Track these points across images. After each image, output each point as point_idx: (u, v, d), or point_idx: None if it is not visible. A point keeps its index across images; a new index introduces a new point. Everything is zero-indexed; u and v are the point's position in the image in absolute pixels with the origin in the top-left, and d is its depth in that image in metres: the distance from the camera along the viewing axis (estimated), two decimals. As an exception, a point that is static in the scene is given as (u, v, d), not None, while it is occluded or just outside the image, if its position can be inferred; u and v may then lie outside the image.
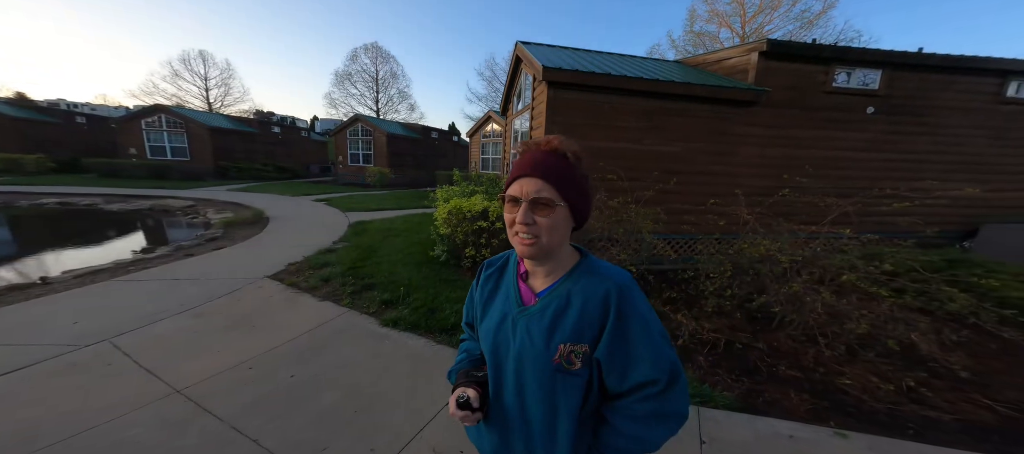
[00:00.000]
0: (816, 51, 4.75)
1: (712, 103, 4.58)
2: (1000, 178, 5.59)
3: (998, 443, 1.75)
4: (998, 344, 2.66)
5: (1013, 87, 5.26)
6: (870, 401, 2.04)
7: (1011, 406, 2.03)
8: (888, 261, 2.88)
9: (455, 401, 0.75)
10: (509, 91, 7.36)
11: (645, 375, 0.67)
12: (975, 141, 5.38)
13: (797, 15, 18.60)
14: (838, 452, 1.66)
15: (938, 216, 5.41)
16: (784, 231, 3.33)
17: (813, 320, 2.64)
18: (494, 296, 0.82)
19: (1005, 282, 3.45)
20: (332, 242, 5.91)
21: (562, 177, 0.65)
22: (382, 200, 11.75)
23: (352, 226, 7.31)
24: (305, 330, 2.91)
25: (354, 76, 31.03)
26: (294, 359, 2.50)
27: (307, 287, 3.85)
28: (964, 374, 2.27)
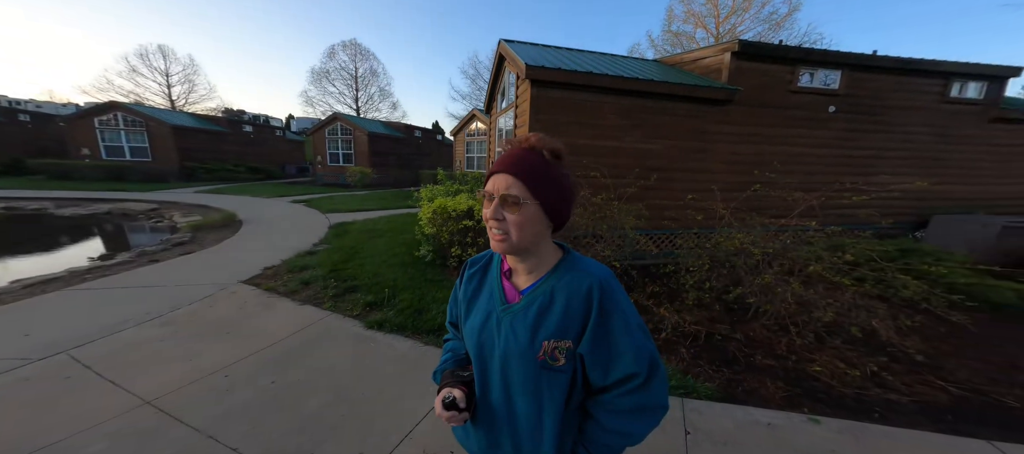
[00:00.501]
0: (782, 52, 4.98)
1: (689, 102, 4.73)
2: (945, 172, 6.05)
3: (952, 422, 1.90)
4: (947, 327, 2.89)
5: (955, 88, 5.69)
6: (838, 386, 2.17)
7: (962, 386, 2.21)
8: (850, 251, 3.07)
9: (441, 402, 0.75)
10: (493, 89, 7.32)
11: (627, 369, 0.69)
12: (923, 138, 5.80)
13: (766, 17, 19.48)
14: (812, 437, 1.76)
15: (892, 208, 5.81)
16: (756, 225, 3.48)
17: (784, 310, 2.78)
18: (478, 294, 0.82)
19: (952, 269, 3.76)
20: (312, 244, 5.74)
21: (534, 175, 0.65)
22: (364, 200, 11.47)
23: (333, 227, 7.11)
24: (285, 335, 2.82)
25: (332, 74, 30.07)
26: (274, 365, 2.42)
27: (286, 291, 3.73)
28: (919, 357, 2.46)
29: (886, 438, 1.75)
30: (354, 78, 30.56)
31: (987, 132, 6.04)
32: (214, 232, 6.59)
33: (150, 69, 28.03)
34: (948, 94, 5.66)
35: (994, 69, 5.63)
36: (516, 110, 5.18)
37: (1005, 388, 2.19)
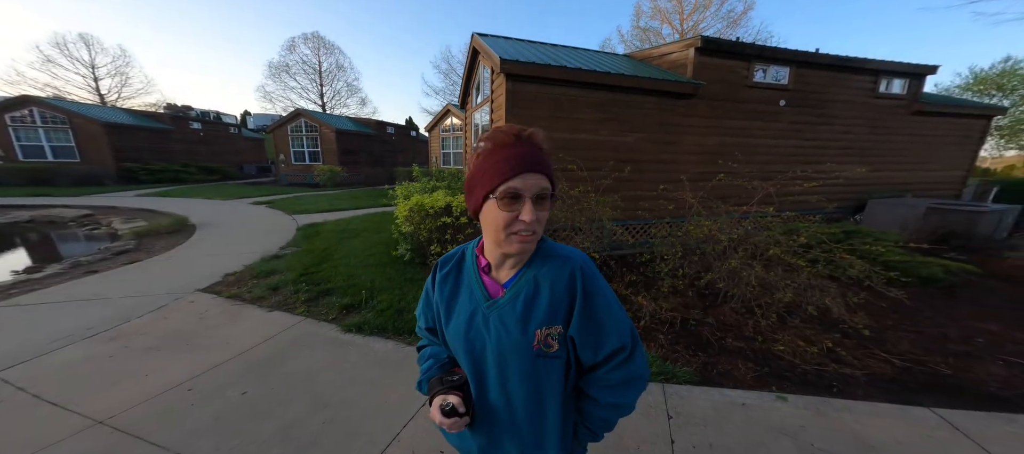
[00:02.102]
0: (739, 48, 5.26)
1: (658, 96, 4.89)
2: (878, 160, 6.71)
3: (898, 392, 2.11)
4: (887, 302, 3.23)
5: (884, 84, 6.30)
6: (800, 364, 2.36)
7: (903, 357, 2.47)
8: (803, 235, 3.34)
9: (439, 410, 0.72)
10: (467, 84, 7.18)
11: (614, 344, 0.72)
12: (859, 129, 6.39)
13: (725, 14, 20.58)
14: (781, 415, 1.90)
15: (837, 194, 6.37)
16: (722, 212, 3.69)
17: (749, 293, 2.98)
18: (456, 295, 0.79)
19: (888, 248, 4.19)
20: (279, 248, 5.41)
21: (551, 169, 0.67)
22: (335, 200, 10.97)
23: (302, 229, 6.75)
24: (254, 343, 2.68)
25: (293, 68, 28.34)
26: (244, 375, 2.30)
27: (251, 298, 3.52)
28: (867, 332, 2.72)
29: (845, 411, 1.93)
30: (318, 73, 29.03)
31: (910, 124, 6.76)
32: (163, 238, 6.02)
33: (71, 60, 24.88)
34: (878, 90, 6.25)
35: (914, 67, 6.28)
36: (492, 105, 5.12)
37: (939, 357, 2.48)
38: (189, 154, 19.11)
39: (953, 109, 7.10)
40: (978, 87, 19.48)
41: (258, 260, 4.74)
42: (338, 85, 29.98)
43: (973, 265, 4.23)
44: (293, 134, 16.84)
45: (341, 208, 9.39)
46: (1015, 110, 19.09)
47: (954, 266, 4.07)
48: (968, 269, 4.12)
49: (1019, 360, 2.44)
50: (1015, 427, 1.79)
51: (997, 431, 1.76)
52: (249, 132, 28.34)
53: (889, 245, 4.29)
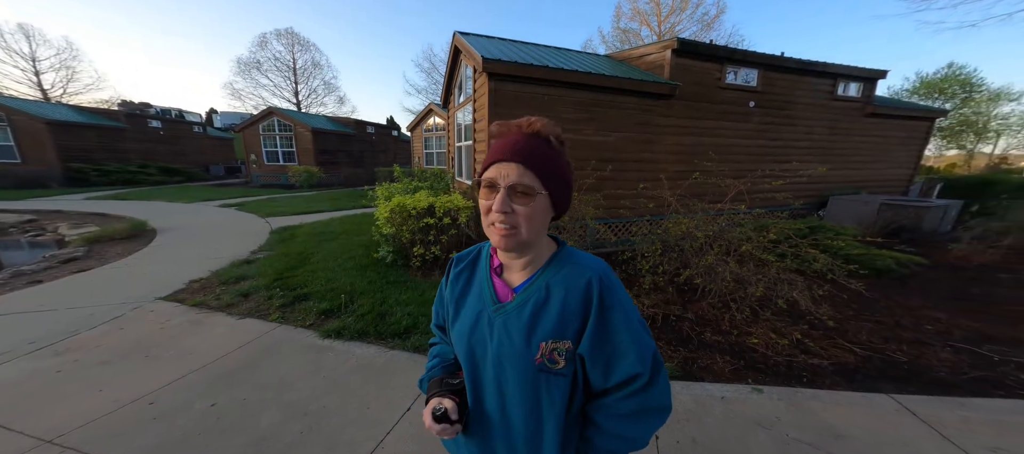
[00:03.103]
0: (712, 51, 5.44)
1: (638, 96, 5.00)
2: (837, 160, 7.14)
3: (862, 380, 2.25)
4: (848, 294, 3.44)
5: (842, 87, 6.72)
6: (773, 356, 2.47)
7: (864, 346, 2.63)
8: (772, 231, 3.51)
9: (430, 414, 0.68)
10: (449, 83, 7.08)
11: (630, 370, 0.64)
12: (820, 130, 6.77)
13: (699, 17, 21.42)
14: (758, 406, 1.99)
15: (802, 191, 6.74)
16: (699, 210, 3.82)
17: (725, 288, 3.10)
18: (466, 294, 0.76)
19: (848, 242, 4.48)
20: (250, 252, 5.16)
21: (544, 163, 0.61)
22: (312, 202, 10.58)
23: (276, 232, 6.46)
24: (223, 353, 2.55)
25: (264, 65, 27.21)
26: (212, 386, 2.18)
27: (219, 305, 3.34)
28: (831, 323, 2.89)
29: (815, 400, 2.03)
30: (292, 70, 27.98)
31: (864, 125, 7.23)
32: (118, 244, 5.59)
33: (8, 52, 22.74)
34: (836, 92, 6.65)
35: (867, 71, 6.72)
36: (475, 104, 5.07)
37: (894, 345, 2.67)
38: (147, 154, 17.94)
39: (901, 111, 7.65)
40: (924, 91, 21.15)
41: (227, 265, 4.50)
42: (314, 83, 29.13)
43: (921, 257, 4.58)
44: (265, 133, 16.11)
45: (319, 210, 9.08)
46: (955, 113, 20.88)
47: (904, 258, 4.40)
48: (917, 261, 4.46)
49: (965, 345, 2.66)
50: (965, 411, 1.94)
51: (949, 415, 1.91)
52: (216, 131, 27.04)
53: (848, 239, 4.59)
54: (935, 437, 1.73)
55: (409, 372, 2.38)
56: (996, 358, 2.49)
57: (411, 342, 2.70)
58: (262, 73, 27.25)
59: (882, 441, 1.71)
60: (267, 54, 27.21)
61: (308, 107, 28.83)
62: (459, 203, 4.17)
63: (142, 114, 19.83)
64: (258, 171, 16.21)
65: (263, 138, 16.12)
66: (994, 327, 2.97)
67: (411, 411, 2.02)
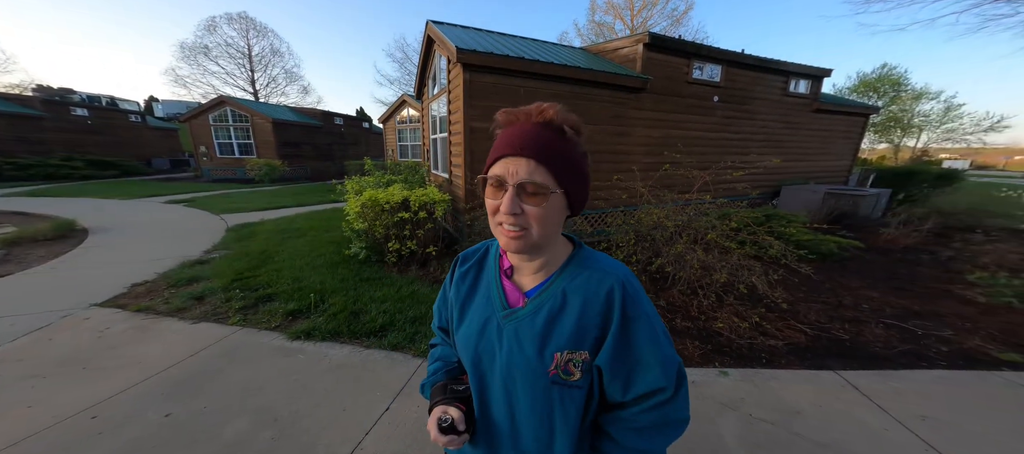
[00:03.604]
0: (680, 46, 5.60)
1: (611, 89, 5.06)
2: (789, 152, 7.69)
3: (812, 358, 2.47)
4: (798, 278, 3.76)
5: (793, 84, 7.20)
6: (736, 339, 2.65)
7: (813, 326, 2.89)
8: (734, 220, 3.73)
9: (437, 425, 0.64)
10: (423, 74, 6.80)
11: (653, 383, 0.60)
12: (774, 124, 7.24)
13: (669, 12, 22.06)
14: (724, 388, 2.13)
15: (759, 182, 7.21)
16: (668, 200, 3.98)
17: (693, 275, 3.27)
18: (472, 296, 0.70)
19: (798, 229, 4.86)
20: (202, 252, 4.77)
21: (558, 158, 0.54)
22: (274, 197, 9.97)
23: (232, 230, 6.01)
24: (176, 360, 2.38)
25: (214, 51, 24.91)
26: (166, 396, 2.04)
27: (169, 310, 3.09)
28: (784, 306, 3.15)
29: (774, 380, 2.21)
30: (247, 57, 25.89)
31: (812, 120, 7.82)
32: (41, 247, 4.95)
33: None
34: (788, 89, 7.12)
35: (815, 70, 7.23)
36: (449, 96, 4.91)
37: (838, 324, 2.96)
38: (73, 145, 16.05)
39: (842, 108, 8.34)
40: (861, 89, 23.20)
41: (176, 266, 4.15)
42: (274, 71, 27.31)
43: (858, 241, 5.08)
44: (217, 124, 14.87)
45: (282, 205, 8.57)
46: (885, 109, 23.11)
47: (845, 243, 4.86)
48: (855, 245, 4.94)
49: (894, 322, 3.00)
50: (896, 382, 2.20)
51: (884, 387, 2.15)
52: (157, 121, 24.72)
53: (799, 226, 4.99)
54: (874, 409, 1.95)
55: (387, 371, 2.32)
56: (920, 332, 2.83)
57: (388, 340, 2.63)
58: (211, 59, 25.02)
59: (831, 415, 1.90)
60: (217, 39, 24.97)
61: (267, 97, 27.09)
62: (435, 196, 4.06)
63: (63, 101, 17.57)
64: (210, 164, 14.97)
65: (214, 129, 14.85)
66: (917, 303, 3.38)
67: (390, 411, 1.99)
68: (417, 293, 3.35)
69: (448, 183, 5.34)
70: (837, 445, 1.69)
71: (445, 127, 5.25)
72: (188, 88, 25.18)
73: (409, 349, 2.55)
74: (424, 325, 2.82)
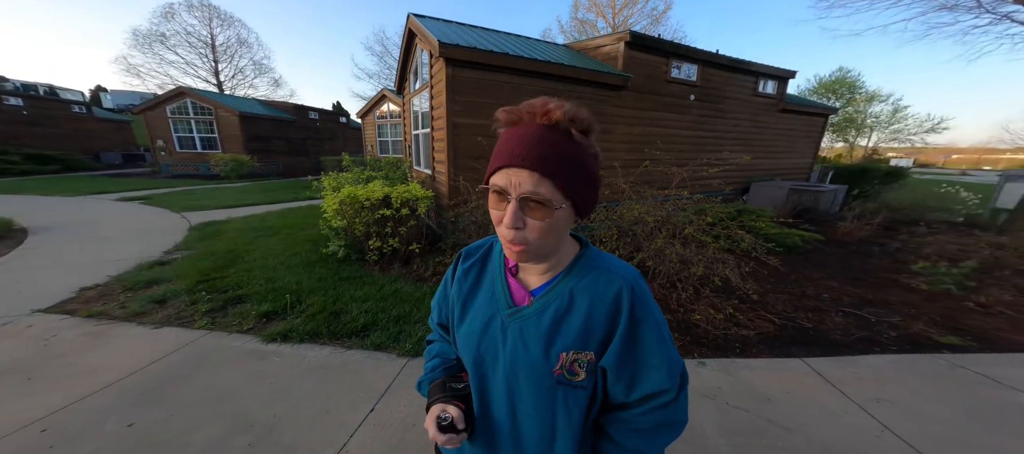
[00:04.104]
0: (660, 45, 5.74)
1: (594, 86, 5.11)
2: (758, 150, 8.09)
3: (780, 346, 2.63)
4: (767, 270, 3.98)
5: (762, 85, 7.55)
6: (712, 330, 2.78)
7: (780, 316, 3.08)
8: (709, 215, 3.89)
9: (435, 423, 0.63)
10: (404, 68, 6.62)
11: (657, 385, 0.61)
12: (745, 123, 7.59)
13: (649, 12, 22.50)
14: (703, 378, 2.23)
15: (731, 178, 7.54)
16: (648, 196, 4.09)
17: (672, 269, 3.39)
18: (475, 293, 0.69)
19: (767, 223, 5.13)
20: (162, 252, 4.47)
21: (565, 167, 0.51)
22: (243, 194, 9.47)
23: (196, 229, 5.67)
24: (137, 367, 2.24)
25: (171, 39, 23.27)
26: (127, 405, 1.92)
27: (126, 315, 2.89)
28: (755, 297, 3.32)
29: (747, 369, 2.34)
30: (210, 47, 24.39)
31: (778, 119, 8.25)
32: (-32, 243, 4.47)
33: None
34: (758, 89, 7.47)
35: (781, 71, 7.62)
36: (432, 91, 4.80)
37: (802, 313, 3.16)
38: (6, 138, 14.82)
39: (805, 108, 8.84)
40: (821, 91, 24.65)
41: (132, 268, 3.87)
42: (241, 62, 25.90)
43: (819, 234, 5.43)
44: (176, 116, 14.00)
45: (251, 203, 8.15)
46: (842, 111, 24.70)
47: (808, 236, 5.18)
48: (816, 238, 5.28)
49: (851, 310, 3.24)
50: (854, 368, 2.38)
51: (844, 373, 2.32)
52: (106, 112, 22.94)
53: (767, 221, 5.26)
54: (835, 393, 2.10)
55: (371, 371, 2.27)
56: (873, 319, 3.08)
57: (371, 340, 2.57)
58: (169, 48, 23.33)
59: (798, 401, 2.04)
60: (175, 27, 23.29)
61: (233, 89, 25.73)
62: (418, 193, 3.96)
63: (-8, 89, 15.86)
64: (168, 159, 14.09)
65: (173, 122, 13.98)
66: (870, 292, 3.66)
67: (376, 412, 1.95)
68: (400, 291, 3.29)
69: (431, 179, 5.24)
70: (803, 429, 1.82)
71: (427, 123, 5.14)
72: (142, 78, 23.42)
73: (393, 349, 2.50)
74: (409, 324, 2.77)
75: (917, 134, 25.74)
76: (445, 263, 3.92)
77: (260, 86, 27.20)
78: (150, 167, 15.84)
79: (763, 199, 7.25)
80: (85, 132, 18.66)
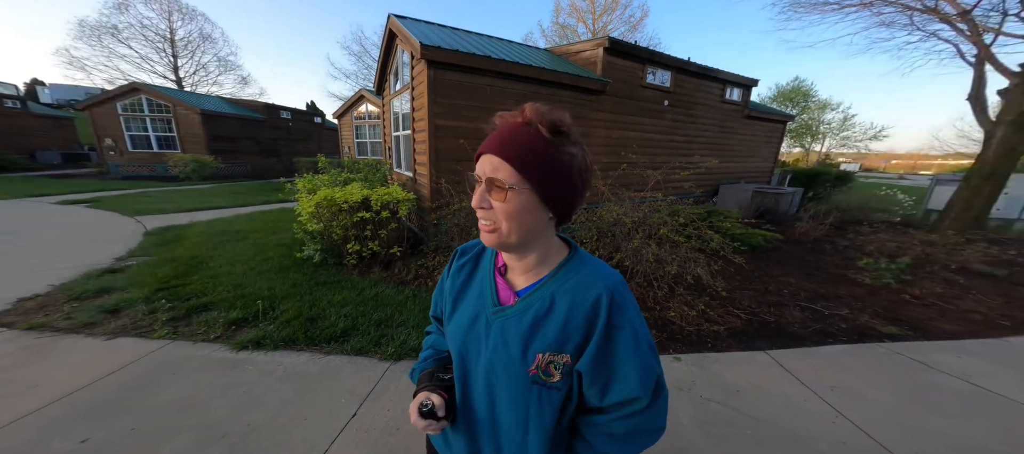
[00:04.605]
0: (636, 51, 5.93)
1: (574, 90, 5.21)
2: (725, 154, 8.53)
3: (747, 340, 2.81)
4: (734, 267, 4.23)
5: (729, 92, 7.98)
6: (685, 327, 2.93)
7: (746, 312, 3.28)
8: (681, 216, 4.08)
9: (417, 409, 0.66)
10: (384, 69, 6.45)
11: (629, 392, 0.61)
12: (714, 129, 7.98)
13: (627, 18, 23.06)
14: (678, 373, 2.35)
15: (702, 180, 7.90)
16: (626, 198, 4.23)
17: (648, 268, 3.53)
18: (466, 289, 0.73)
19: (733, 224, 5.44)
20: (114, 259, 4.15)
21: (527, 155, 0.55)
22: (206, 196, 8.98)
23: (153, 234, 5.29)
24: (89, 380, 2.09)
25: (124, 31, 21.50)
26: (79, 420, 1.79)
27: (72, 326, 2.68)
28: (724, 293, 3.53)
29: (717, 362, 2.48)
30: (169, 41, 22.75)
31: (743, 125, 8.74)
32: None
33: None
34: (725, 96, 7.88)
35: (746, 79, 8.08)
36: (413, 92, 4.72)
37: (765, 309, 3.39)
38: None
39: (767, 115, 9.43)
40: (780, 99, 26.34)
41: (78, 277, 3.57)
42: (204, 59, 24.39)
43: (779, 234, 5.83)
44: (129, 113, 12.95)
45: (215, 206, 7.71)
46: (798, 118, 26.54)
47: (769, 235, 5.55)
48: (777, 237, 5.67)
49: (807, 304, 3.51)
50: (812, 358, 2.59)
51: (802, 363, 2.52)
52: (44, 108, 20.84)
53: (733, 222, 5.58)
54: (796, 383, 2.28)
55: (353, 376, 2.23)
56: (826, 313, 3.35)
57: (351, 345, 2.52)
58: (121, 41, 21.53)
59: (764, 391, 2.19)
60: (129, 19, 21.50)
61: (194, 86, 24.23)
62: (399, 195, 3.89)
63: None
64: (118, 159, 13.02)
65: (125, 119, 12.93)
66: (823, 287, 3.98)
67: (358, 417, 1.92)
68: (381, 295, 3.22)
69: (412, 182, 5.16)
70: (769, 418, 1.96)
71: (408, 124, 5.05)
72: (87, 72, 21.51)
73: (375, 353, 2.46)
74: (391, 328, 2.72)
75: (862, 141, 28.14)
76: (427, 266, 3.88)
77: (226, 83, 25.85)
78: (96, 168, 14.62)
79: (730, 201, 7.67)
80: (19, 129, 16.89)
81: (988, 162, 6.02)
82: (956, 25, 6.22)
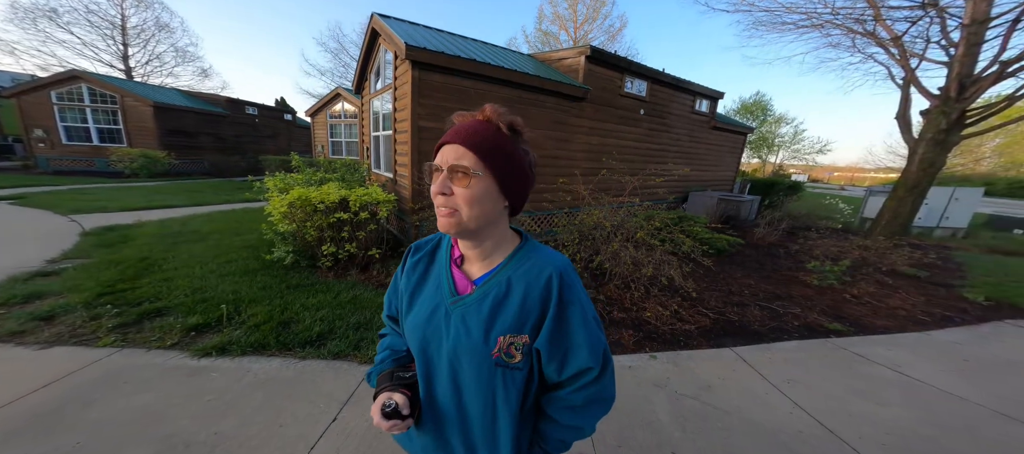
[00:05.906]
0: (615, 60, 6.13)
1: (556, 96, 5.30)
2: (694, 162, 9.01)
3: (715, 338, 2.99)
4: (702, 270, 4.48)
5: (698, 104, 8.44)
6: (660, 326, 3.08)
7: (714, 312, 3.50)
8: (656, 220, 4.27)
9: (380, 410, 0.66)
10: (364, 67, 6.23)
11: (583, 363, 0.66)
12: (685, 138, 8.41)
13: (606, 28, 23.68)
14: (654, 371, 2.47)
15: (674, 187, 8.30)
16: (606, 203, 4.37)
17: (626, 270, 3.67)
18: (423, 285, 0.74)
19: (702, 229, 5.77)
20: (44, 261, 3.73)
21: (488, 146, 0.60)
22: (156, 194, 8.27)
23: (92, 234, 4.81)
24: (20, 393, 1.91)
25: (65, 16, 19.43)
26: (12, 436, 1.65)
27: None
28: (694, 294, 3.73)
29: (690, 360, 2.63)
30: (120, 29, 20.81)
31: (710, 135, 9.28)
32: None
33: None
34: (694, 107, 8.33)
35: (713, 92, 8.59)
36: (395, 92, 4.61)
37: (730, 308, 3.62)
38: None
39: (730, 127, 10.07)
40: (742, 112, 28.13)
41: (1, 280, 3.19)
42: (159, 48, 22.50)
43: (741, 239, 6.24)
44: (65, 102, 11.73)
45: (168, 205, 7.14)
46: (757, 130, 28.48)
47: (732, 240, 5.92)
48: (739, 242, 6.05)
49: (765, 304, 3.79)
50: (770, 353, 2.81)
51: (762, 357, 2.73)
52: None
53: (702, 227, 5.92)
54: (758, 377, 2.47)
55: (331, 381, 2.15)
56: (781, 311, 3.63)
57: (329, 349, 2.43)
58: (61, 26, 19.38)
59: (731, 386, 2.35)
60: (73, 3, 19.35)
61: (147, 77, 22.26)
62: (379, 196, 3.77)
63: None
64: (49, 152, 11.76)
65: (60, 109, 11.68)
66: (779, 288, 4.31)
67: (339, 421, 1.87)
68: (359, 298, 3.12)
69: (392, 183, 5.03)
70: (737, 411, 2.11)
71: (389, 124, 4.93)
72: (16, 56, 19.30)
73: (354, 357, 2.38)
74: (370, 331, 2.65)
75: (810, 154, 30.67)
76: (406, 266, 3.78)
77: (183, 75, 23.96)
78: (21, 161, 13.04)
79: (698, 207, 8.11)
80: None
81: (912, 176, 6.74)
82: (889, 49, 6.92)
